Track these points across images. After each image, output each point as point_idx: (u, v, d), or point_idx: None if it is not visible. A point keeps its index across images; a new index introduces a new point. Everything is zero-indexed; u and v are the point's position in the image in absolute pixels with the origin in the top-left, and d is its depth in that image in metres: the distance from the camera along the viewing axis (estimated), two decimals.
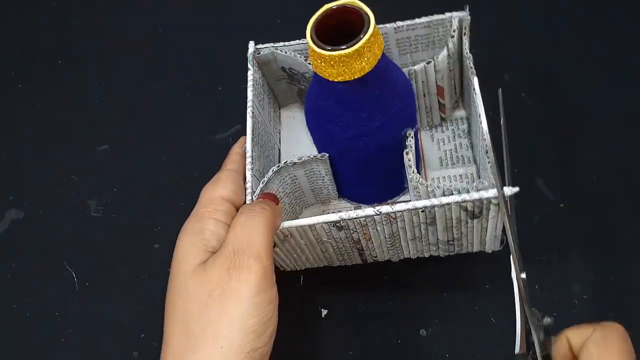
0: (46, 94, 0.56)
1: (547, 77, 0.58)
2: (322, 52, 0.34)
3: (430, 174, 0.47)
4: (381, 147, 0.40)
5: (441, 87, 0.45)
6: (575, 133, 0.55)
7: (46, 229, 0.49)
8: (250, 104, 0.44)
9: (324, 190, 0.46)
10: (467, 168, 0.47)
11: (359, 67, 0.35)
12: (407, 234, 0.40)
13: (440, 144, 0.49)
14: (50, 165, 0.52)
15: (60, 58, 0.58)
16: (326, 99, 0.37)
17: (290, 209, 0.46)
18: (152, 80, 0.57)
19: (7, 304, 0.45)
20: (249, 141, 0.42)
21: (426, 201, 0.36)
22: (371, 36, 0.34)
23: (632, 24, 0.61)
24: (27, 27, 0.59)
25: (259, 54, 0.46)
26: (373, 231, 0.40)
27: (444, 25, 0.44)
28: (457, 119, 0.50)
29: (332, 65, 0.34)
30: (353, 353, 0.44)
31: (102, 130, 0.54)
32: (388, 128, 0.39)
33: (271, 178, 0.41)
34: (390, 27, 0.44)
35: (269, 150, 0.47)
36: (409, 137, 0.40)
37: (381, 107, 0.38)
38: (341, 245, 0.42)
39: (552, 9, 0.62)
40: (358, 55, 0.34)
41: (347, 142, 0.39)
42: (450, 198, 0.36)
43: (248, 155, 0.41)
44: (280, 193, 0.43)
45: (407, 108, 0.40)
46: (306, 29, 0.35)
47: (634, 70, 0.59)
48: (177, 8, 0.62)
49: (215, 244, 0.36)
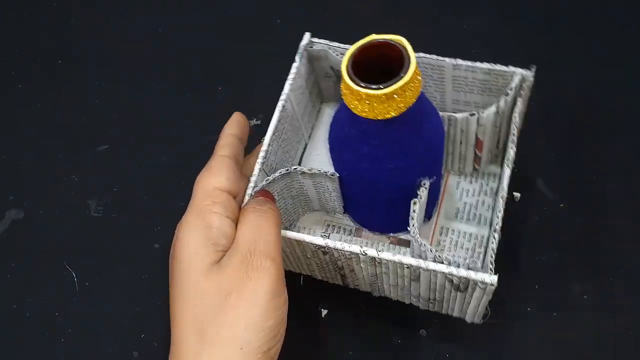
0: (46, 94, 0.56)
1: (547, 77, 0.58)
2: (351, 85, 0.32)
3: (442, 221, 0.46)
4: (393, 188, 0.38)
5: (481, 140, 0.43)
6: (575, 133, 0.54)
7: (46, 229, 0.49)
8: (284, 97, 0.42)
9: (330, 203, 0.46)
10: (480, 229, 0.45)
11: (384, 110, 0.33)
12: (390, 279, 0.40)
13: (463, 194, 0.47)
14: (50, 165, 0.52)
15: (60, 58, 0.58)
16: (349, 126, 0.36)
17: (292, 209, 0.46)
18: (152, 80, 0.57)
19: (7, 304, 0.45)
20: (269, 135, 0.41)
21: (413, 260, 0.36)
22: (406, 83, 0.32)
23: (632, 24, 0.61)
24: (27, 27, 0.59)
25: (312, 47, 0.45)
26: (357, 266, 0.39)
27: (504, 77, 0.42)
28: (490, 174, 0.47)
29: (359, 100, 0.33)
30: (353, 353, 0.44)
31: (102, 130, 0.54)
32: (404, 172, 0.37)
33: (277, 179, 0.41)
34: (449, 63, 0.42)
35: (291, 145, 0.46)
36: (422, 186, 0.39)
37: (401, 152, 0.36)
38: (325, 265, 0.41)
39: (552, 9, 0.62)
40: (386, 99, 0.32)
41: (360, 173, 0.38)
42: (438, 266, 0.35)
43: (263, 149, 0.41)
44: (285, 194, 0.43)
45: (430, 157, 0.38)
46: (344, 56, 0.33)
47: (634, 70, 0.58)
48: (177, 8, 0.62)
49: (225, 242, 0.35)
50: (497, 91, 0.43)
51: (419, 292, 0.40)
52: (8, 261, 0.47)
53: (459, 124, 0.41)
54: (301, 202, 0.46)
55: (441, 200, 0.47)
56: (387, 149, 0.36)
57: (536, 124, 0.55)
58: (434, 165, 0.39)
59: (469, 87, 0.44)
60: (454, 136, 0.43)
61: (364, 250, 0.36)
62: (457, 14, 0.62)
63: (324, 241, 0.37)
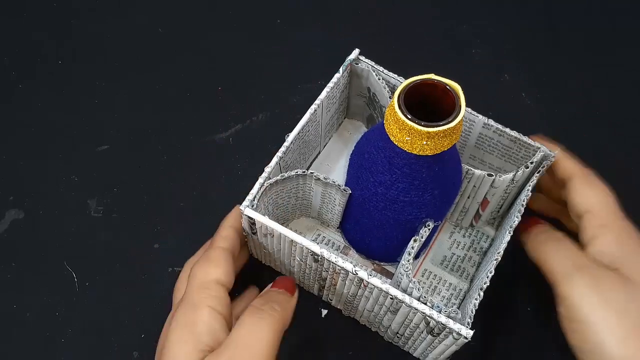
0: (46, 94, 0.56)
1: (547, 77, 0.58)
2: (400, 116, 0.32)
3: (426, 264, 0.47)
4: (398, 219, 0.39)
5: (487, 200, 0.44)
6: (575, 133, 0.55)
7: (46, 229, 0.49)
8: (318, 102, 0.43)
9: (329, 215, 0.46)
10: (460, 281, 0.46)
11: (422, 146, 0.33)
12: (368, 304, 0.40)
13: (453, 245, 0.48)
14: (50, 165, 0.52)
15: (60, 58, 0.58)
16: (378, 149, 0.36)
17: (292, 210, 0.46)
18: (152, 80, 0.57)
19: (7, 304, 0.45)
20: (294, 134, 0.42)
21: (399, 293, 0.36)
22: (451, 128, 0.32)
23: (632, 23, 0.61)
24: (27, 27, 0.59)
25: (357, 64, 0.45)
26: (341, 282, 0.40)
27: (527, 149, 0.43)
28: (483, 234, 0.48)
29: (400, 130, 0.33)
30: (353, 353, 0.44)
31: (102, 130, 0.54)
32: (414, 208, 0.38)
33: (292, 177, 0.41)
34: (480, 120, 0.43)
35: (308, 149, 0.47)
36: (425, 226, 0.39)
37: (420, 188, 0.37)
38: (308, 271, 0.42)
39: (552, 9, 0.62)
40: (428, 138, 0.32)
41: (371, 196, 0.38)
42: (420, 306, 0.36)
43: (285, 145, 0.41)
44: (292, 193, 0.43)
45: (442, 200, 0.38)
46: (395, 94, 0.33)
47: (634, 70, 0.59)
48: (177, 8, 0.62)
49: (208, 340, 0.33)
50: (515, 159, 0.44)
51: (390, 324, 0.40)
52: (8, 261, 0.47)
53: (475, 179, 0.42)
54: (302, 205, 0.46)
55: (432, 244, 0.48)
56: (408, 181, 0.36)
57: (536, 124, 0.55)
58: (442, 208, 0.39)
59: (491, 148, 0.45)
60: (464, 189, 0.44)
61: (356, 269, 0.37)
62: (457, 14, 0.62)
63: (320, 249, 0.38)
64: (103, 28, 0.60)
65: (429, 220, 0.39)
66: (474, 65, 0.59)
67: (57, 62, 0.58)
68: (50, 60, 0.58)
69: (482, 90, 0.57)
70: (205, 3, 0.62)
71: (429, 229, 0.39)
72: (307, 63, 0.58)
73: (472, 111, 0.43)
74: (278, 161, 0.41)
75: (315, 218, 0.48)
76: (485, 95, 0.56)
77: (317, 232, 0.48)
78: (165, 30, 0.60)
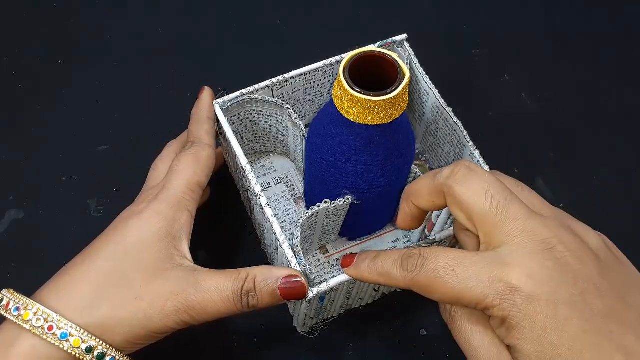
0: (46, 94, 0.56)
1: (547, 77, 0.58)
2: (348, 89, 0.33)
3: (355, 250, 0.47)
4: (350, 181, 0.39)
5: (432, 223, 0.45)
6: (575, 133, 0.55)
7: (46, 229, 0.49)
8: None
9: (299, 161, 0.47)
10: None
11: (390, 113, 0.35)
12: (267, 239, 0.41)
13: (395, 245, 0.47)
14: (50, 165, 0.52)
15: (60, 58, 0.58)
16: (334, 126, 0.37)
17: (272, 141, 0.48)
18: (153, 80, 0.57)
19: None
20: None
21: (278, 229, 0.37)
22: (404, 87, 0.34)
23: (633, 24, 0.61)
24: (27, 27, 0.59)
25: (398, 47, 0.45)
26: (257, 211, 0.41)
27: None
28: None
29: (351, 104, 0.34)
30: (353, 353, 0.44)
31: (102, 130, 0.54)
32: (368, 169, 0.38)
33: (270, 103, 0.43)
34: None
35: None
36: (345, 200, 0.40)
37: (396, 154, 0.38)
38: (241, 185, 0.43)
39: (552, 9, 0.62)
40: (378, 108, 0.34)
41: (328, 158, 0.39)
42: (277, 227, 0.37)
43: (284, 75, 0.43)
44: (271, 121, 0.45)
45: (392, 165, 0.39)
46: (340, 68, 0.34)
47: (634, 70, 0.59)
48: (177, 8, 0.62)
49: (177, 243, 0.35)
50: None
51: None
52: (8, 261, 0.47)
53: None
54: (283, 142, 0.47)
55: (373, 237, 0.48)
56: (360, 145, 0.37)
57: (536, 124, 0.55)
58: (392, 177, 0.39)
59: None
60: None
61: (260, 194, 0.38)
62: (457, 14, 0.62)
63: (255, 184, 0.39)
64: (103, 28, 0.60)
65: (349, 194, 0.39)
66: (474, 65, 0.59)
67: (57, 62, 0.58)
68: (50, 60, 0.58)
69: (482, 90, 0.57)
70: (205, 3, 0.62)
71: (346, 202, 0.40)
72: (307, 63, 0.58)
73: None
74: (270, 85, 0.42)
75: (293, 162, 0.48)
76: (485, 95, 0.56)
77: (287, 175, 0.48)
78: (165, 30, 0.60)
